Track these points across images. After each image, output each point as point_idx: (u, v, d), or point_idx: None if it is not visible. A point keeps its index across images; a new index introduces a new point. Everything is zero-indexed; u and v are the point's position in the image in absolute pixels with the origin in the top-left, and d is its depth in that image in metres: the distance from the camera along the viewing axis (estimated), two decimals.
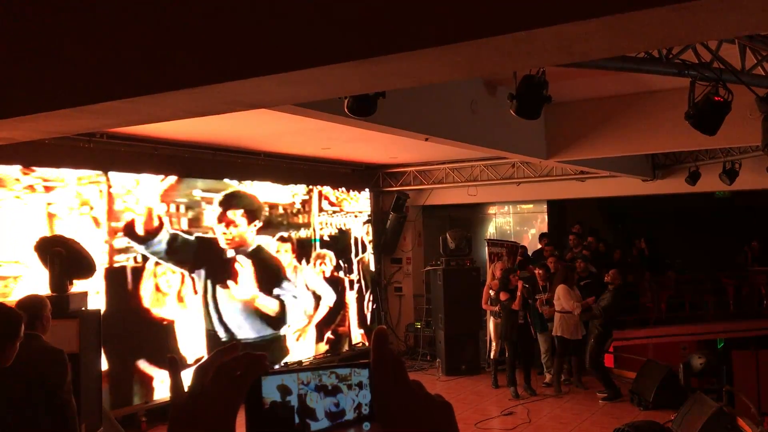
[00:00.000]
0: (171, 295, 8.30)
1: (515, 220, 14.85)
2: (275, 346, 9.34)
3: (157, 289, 8.16)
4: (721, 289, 13.31)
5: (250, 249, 9.17)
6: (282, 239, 9.48)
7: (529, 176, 11.36)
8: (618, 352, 10.87)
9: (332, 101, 4.91)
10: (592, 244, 11.57)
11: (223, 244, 8.90)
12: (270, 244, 9.40)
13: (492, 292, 10.02)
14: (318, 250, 10.09)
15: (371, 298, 11.90)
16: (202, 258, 8.64)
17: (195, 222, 8.63)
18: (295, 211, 9.65)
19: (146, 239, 8.12)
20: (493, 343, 10.10)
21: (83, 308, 5.15)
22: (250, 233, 9.13)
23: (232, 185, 9.40)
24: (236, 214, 9.03)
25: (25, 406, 3.62)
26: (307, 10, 2.48)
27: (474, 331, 10.99)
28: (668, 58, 5.15)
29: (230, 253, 8.95)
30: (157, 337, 8.17)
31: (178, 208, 8.49)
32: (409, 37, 2.31)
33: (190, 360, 8.28)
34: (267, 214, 9.42)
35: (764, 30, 4.60)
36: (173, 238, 8.36)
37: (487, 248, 11.72)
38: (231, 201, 9.06)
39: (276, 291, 9.38)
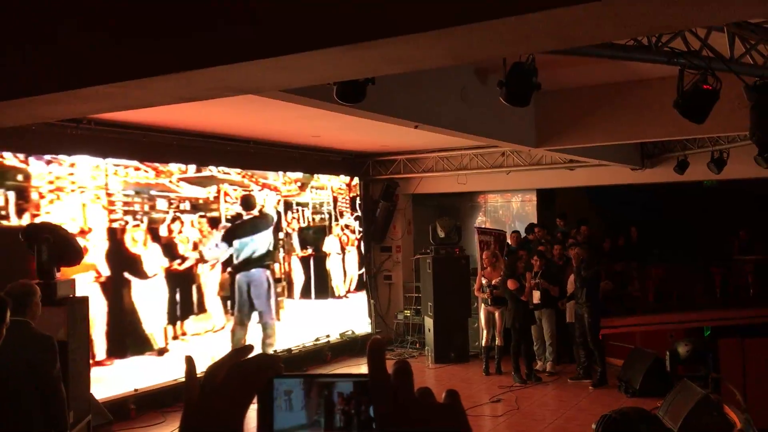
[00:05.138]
0: None
1: (504, 208, 14.87)
2: None
3: None
4: (709, 278, 13.41)
5: None
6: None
7: (519, 165, 11.38)
8: (606, 339, 10.92)
9: (321, 88, 4.89)
10: (584, 234, 11.55)
11: None
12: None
13: (484, 280, 10.06)
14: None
15: None
16: None
17: None
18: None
19: None
20: (484, 331, 10.13)
21: (71, 295, 5.13)
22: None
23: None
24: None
25: (14, 393, 3.60)
26: None
27: (463, 319, 11.03)
28: (657, 46, 5.15)
29: None
30: None
31: None
32: (399, 21, 2.30)
33: None
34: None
35: (751, 17, 4.63)
36: None
37: (477, 236, 11.75)
38: None
39: None
